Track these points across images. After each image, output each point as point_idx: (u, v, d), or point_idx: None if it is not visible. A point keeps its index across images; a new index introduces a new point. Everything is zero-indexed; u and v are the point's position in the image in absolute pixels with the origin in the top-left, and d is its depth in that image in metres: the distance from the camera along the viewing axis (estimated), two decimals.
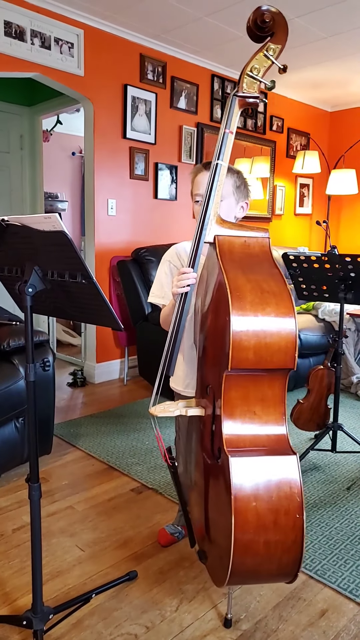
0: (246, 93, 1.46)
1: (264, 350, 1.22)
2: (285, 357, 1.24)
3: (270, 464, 1.24)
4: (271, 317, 1.23)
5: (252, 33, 1.44)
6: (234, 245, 1.36)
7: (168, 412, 1.48)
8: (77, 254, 1.23)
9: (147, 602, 1.66)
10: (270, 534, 1.21)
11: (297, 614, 1.62)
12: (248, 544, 1.21)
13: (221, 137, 1.46)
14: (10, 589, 1.72)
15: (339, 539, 1.99)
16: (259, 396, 1.29)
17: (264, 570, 1.27)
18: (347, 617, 1.61)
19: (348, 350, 3.84)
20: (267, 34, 1.43)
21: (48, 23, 3.34)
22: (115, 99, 3.82)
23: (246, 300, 1.23)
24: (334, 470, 2.57)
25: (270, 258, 1.35)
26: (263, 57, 1.44)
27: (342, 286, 2.37)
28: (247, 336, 1.21)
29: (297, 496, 1.22)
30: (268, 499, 1.21)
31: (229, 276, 1.26)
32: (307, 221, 5.71)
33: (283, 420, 1.30)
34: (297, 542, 1.23)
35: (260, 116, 4.94)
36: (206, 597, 1.68)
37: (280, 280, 1.29)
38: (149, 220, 4.18)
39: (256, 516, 1.20)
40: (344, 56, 4.12)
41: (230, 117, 1.46)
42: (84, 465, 2.61)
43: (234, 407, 1.28)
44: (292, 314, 1.24)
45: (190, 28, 3.68)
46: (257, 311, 1.22)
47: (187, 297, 1.47)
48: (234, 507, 1.19)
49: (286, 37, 1.43)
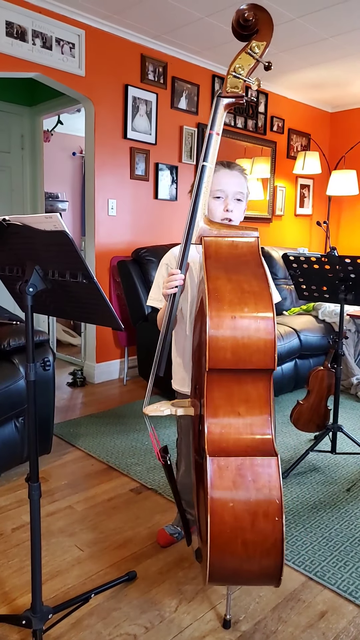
0: (230, 93, 1.45)
1: (242, 350, 1.22)
2: (265, 357, 1.23)
3: (251, 465, 1.23)
4: (249, 317, 1.23)
5: (237, 33, 1.42)
6: (221, 246, 1.37)
7: (159, 411, 1.49)
8: (78, 253, 1.23)
9: (146, 602, 1.66)
10: (248, 535, 1.21)
11: (296, 616, 1.61)
12: (225, 543, 1.21)
13: (207, 139, 1.46)
14: (9, 588, 1.72)
15: (338, 541, 1.99)
16: (243, 397, 1.28)
17: (244, 572, 1.26)
18: (347, 619, 1.60)
19: (348, 352, 3.84)
20: (250, 32, 1.40)
21: (49, 23, 3.35)
22: (116, 99, 3.82)
23: (224, 300, 1.23)
24: (334, 471, 2.57)
25: (258, 258, 1.35)
26: (247, 55, 1.42)
27: (343, 287, 2.37)
28: (223, 336, 1.21)
29: (276, 499, 1.21)
30: (246, 500, 1.21)
31: (210, 277, 1.27)
32: (307, 222, 5.72)
33: (268, 422, 1.29)
34: (277, 545, 1.22)
35: (261, 117, 4.94)
36: (205, 597, 1.68)
37: (263, 280, 1.29)
38: (149, 220, 4.18)
39: (233, 517, 1.20)
40: (344, 57, 4.12)
41: (215, 119, 1.46)
42: (83, 465, 2.61)
43: (217, 407, 1.28)
44: (272, 313, 1.24)
45: (191, 28, 3.68)
46: (235, 311, 1.23)
47: (175, 299, 1.47)
48: (210, 507, 1.20)
49: (271, 33, 1.40)
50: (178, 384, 1.80)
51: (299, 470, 2.55)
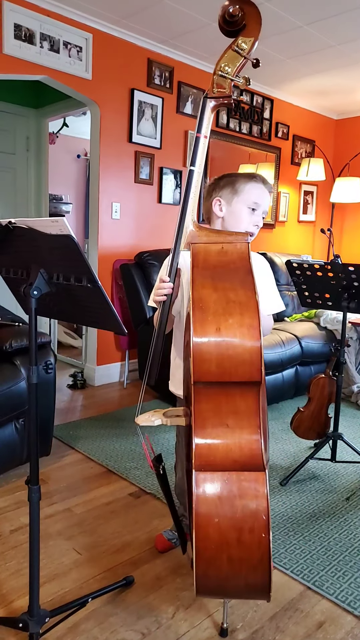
0: (217, 94, 1.40)
1: (226, 362, 1.18)
2: (250, 369, 1.19)
3: (237, 479, 1.19)
4: (234, 328, 1.18)
5: (223, 30, 1.36)
6: (209, 252, 1.33)
7: (149, 422, 1.47)
8: (84, 257, 1.23)
9: (143, 608, 1.65)
10: (233, 551, 1.18)
11: (294, 625, 1.61)
12: (210, 558, 1.18)
13: (194, 142, 1.41)
14: (6, 590, 1.71)
15: (337, 550, 1.98)
16: (232, 409, 1.24)
17: (231, 586, 1.24)
18: (345, 629, 1.60)
19: (349, 360, 3.84)
20: (237, 28, 1.34)
21: (57, 27, 3.36)
22: (122, 103, 3.84)
23: (209, 311, 1.19)
24: (333, 480, 2.57)
25: (248, 264, 1.31)
26: (233, 52, 1.36)
27: (345, 295, 2.37)
28: (208, 348, 1.17)
29: (262, 514, 1.18)
30: (231, 516, 1.18)
31: (195, 286, 1.23)
32: (310, 229, 5.72)
33: (258, 434, 1.24)
34: (264, 562, 1.19)
35: (266, 122, 4.95)
36: (202, 605, 1.68)
37: (250, 289, 1.24)
38: (153, 224, 4.19)
39: (218, 532, 1.17)
40: (350, 64, 4.14)
41: (202, 121, 1.41)
42: (82, 468, 2.61)
43: (205, 419, 1.24)
44: (256, 324, 1.19)
45: (198, 34, 3.69)
46: (220, 322, 1.18)
47: (164, 307, 1.46)
48: (195, 522, 1.17)
49: (259, 27, 1.34)
50: (176, 386, 1.76)
51: (299, 477, 2.55)
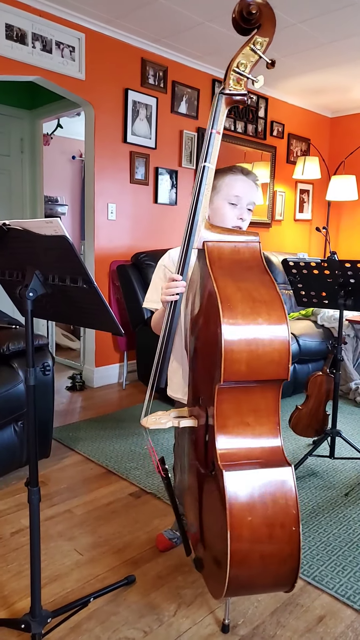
0: (232, 90, 1.39)
1: (256, 362, 1.19)
2: (278, 368, 1.20)
3: (265, 476, 1.21)
4: (263, 327, 1.19)
5: (238, 25, 1.36)
6: (223, 251, 1.32)
7: (159, 424, 1.45)
8: (79, 258, 1.23)
9: (145, 606, 1.66)
10: (265, 547, 1.19)
11: (294, 620, 1.61)
12: (244, 557, 1.19)
13: (207, 138, 1.40)
14: (8, 592, 1.72)
15: (336, 545, 1.99)
16: (252, 407, 1.25)
17: (260, 583, 1.25)
18: (345, 623, 1.60)
19: (347, 357, 3.85)
20: (253, 26, 1.35)
21: (49, 26, 3.36)
22: (116, 103, 3.84)
23: (237, 310, 1.19)
24: (332, 476, 2.58)
25: (261, 263, 1.32)
26: (250, 51, 1.36)
27: (342, 292, 2.38)
28: (239, 348, 1.17)
29: (292, 509, 1.20)
30: (263, 513, 1.19)
31: (219, 285, 1.22)
32: (306, 227, 5.73)
33: (277, 431, 1.27)
34: (294, 554, 1.21)
35: (261, 121, 4.96)
36: (204, 602, 1.68)
37: (271, 287, 1.25)
38: (149, 225, 4.19)
39: (251, 530, 1.18)
40: (345, 62, 4.14)
41: (217, 117, 1.40)
42: (82, 469, 2.61)
43: (226, 418, 1.25)
44: (285, 323, 1.20)
45: (191, 33, 3.70)
46: (249, 322, 1.19)
47: (176, 306, 1.43)
48: (229, 522, 1.17)
49: (274, 29, 1.35)
50: (174, 390, 1.74)
51: (298, 475, 2.55)
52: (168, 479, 1.56)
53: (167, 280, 1.67)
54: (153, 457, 1.53)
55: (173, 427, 1.86)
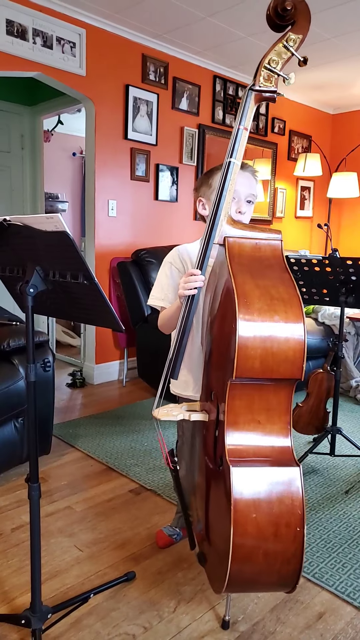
0: (263, 87, 1.37)
1: (270, 360, 1.18)
2: (292, 367, 1.20)
3: (273, 475, 1.21)
4: (279, 325, 1.18)
5: (272, 21, 1.33)
6: (244, 247, 1.31)
7: (171, 416, 1.45)
8: (79, 254, 1.23)
9: (145, 602, 1.66)
10: (269, 546, 1.19)
11: (294, 617, 1.62)
12: (247, 554, 1.19)
13: (235, 134, 1.39)
14: (8, 587, 1.72)
15: (336, 542, 1.99)
16: (264, 405, 1.25)
17: (262, 581, 1.26)
18: (345, 620, 1.61)
19: (347, 354, 3.85)
20: (287, 22, 1.32)
21: (50, 22, 3.35)
22: (117, 100, 3.83)
23: (254, 307, 1.18)
24: (333, 473, 2.58)
25: (282, 261, 1.30)
26: (282, 48, 1.34)
27: (343, 290, 2.37)
28: (253, 345, 1.17)
29: (298, 509, 1.20)
30: (269, 511, 1.19)
31: (237, 281, 1.21)
32: (307, 224, 5.72)
33: (288, 431, 1.26)
34: (297, 555, 1.21)
35: (262, 118, 4.94)
36: (204, 598, 1.68)
37: (290, 286, 1.24)
38: (150, 221, 4.19)
39: (256, 527, 1.18)
40: (347, 57, 4.13)
41: (245, 113, 1.38)
42: (82, 465, 2.61)
43: (237, 415, 1.25)
44: (302, 322, 1.19)
45: (192, 28, 3.68)
46: (265, 319, 1.18)
47: (194, 300, 1.42)
48: (234, 518, 1.17)
49: (308, 26, 1.32)
50: (179, 387, 1.74)
51: None
52: (177, 471, 1.56)
53: (172, 277, 1.67)
54: (163, 449, 1.53)
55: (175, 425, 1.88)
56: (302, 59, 1.36)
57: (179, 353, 1.43)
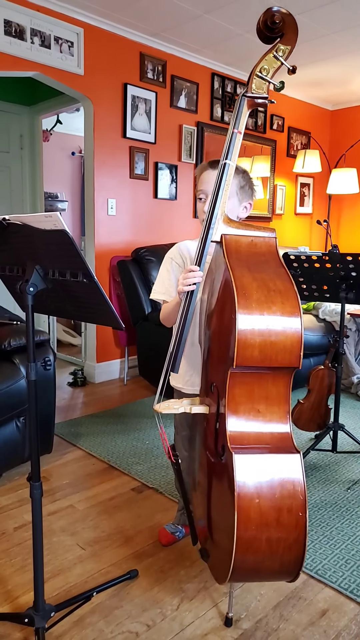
0: (255, 93, 1.47)
1: (269, 349, 1.23)
2: (290, 356, 1.24)
3: (274, 462, 1.24)
4: (277, 315, 1.23)
5: (262, 34, 1.45)
6: (240, 244, 1.37)
7: (172, 409, 1.49)
8: (79, 252, 1.23)
9: (148, 600, 1.66)
10: (272, 532, 1.22)
11: (297, 614, 1.62)
12: (250, 541, 1.21)
13: (229, 137, 1.47)
14: (11, 586, 1.72)
15: (339, 539, 1.99)
16: (263, 394, 1.29)
17: (265, 568, 1.27)
18: (348, 616, 1.61)
19: (348, 351, 3.84)
20: (276, 35, 1.44)
21: (48, 22, 3.34)
22: (115, 98, 3.82)
23: (252, 298, 1.23)
24: (335, 470, 2.58)
25: (277, 257, 1.36)
26: (272, 58, 1.45)
27: (343, 286, 2.37)
28: (252, 334, 1.21)
29: (300, 494, 1.22)
30: (271, 497, 1.22)
31: (236, 274, 1.26)
32: (307, 221, 5.71)
33: (287, 419, 1.30)
34: (299, 541, 1.23)
35: (261, 115, 4.94)
36: (207, 596, 1.69)
37: (286, 279, 1.29)
38: (149, 220, 4.18)
39: (259, 513, 1.21)
40: (345, 53, 4.12)
41: (239, 118, 1.47)
42: (84, 464, 2.61)
43: (238, 404, 1.29)
44: (298, 313, 1.25)
45: (190, 26, 3.68)
46: (263, 309, 1.23)
47: (193, 296, 1.46)
48: (237, 504, 1.19)
49: (296, 38, 1.45)
50: (178, 380, 1.77)
51: None
52: (178, 464, 1.58)
53: (173, 272, 1.70)
54: (164, 443, 1.54)
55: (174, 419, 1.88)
56: (290, 68, 1.48)
57: (179, 347, 1.46)
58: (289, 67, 1.47)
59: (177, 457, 1.57)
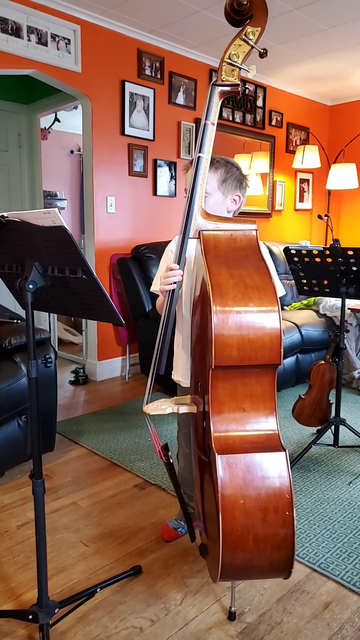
0: (225, 81, 1.41)
1: (247, 346, 1.20)
2: (270, 353, 1.22)
3: (259, 461, 1.22)
4: (254, 312, 1.21)
5: (230, 18, 1.39)
6: (219, 240, 1.34)
7: (160, 410, 1.47)
8: (77, 249, 1.23)
9: (151, 595, 1.67)
10: (259, 531, 1.20)
11: (300, 607, 1.62)
12: (237, 540, 1.20)
13: (202, 129, 1.42)
14: (15, 584, 1.73)
15: (341, 533, 2.00)
16: (247, 392, 1.27)
17: (255, 567, 1.26)
18: (351, 609, 1.61)
19: (349, 345, 3.84)
20: (244, 17, 1.37)
21: (44, 19, 3.33)
22: (113, 95, 3.82)
23: (228, 296, 1.21)
24: (336, 464, 2.58)
25: (257, 251, 1.33)
26: (241, 41, 1.38)
27: (344, 280, 2.37)
28: (229, 332, 1.19)
29: (286, 493, 1.21)
30: (256, 496, 1.20)
31: (212, 272, 1.25)
32: (307, 216, 5.71)
33: (273, 416, 1.28)
34: (288, 539, 1.22)
35: (259, 111, 4.92)
36: (210, 590, 1.69)
37: (265, 274, 1.27)
38: (149, 217, 4.18)
39: (244, 513, 1.19)
40: (343, 48, 4.10)
41: (210, 108, 1.42)
42: (87, 462, 2.62)
43: (222, 403, 1.26)
44: (276, 308, 1.22)
45: (187, 22, 3.67)
46: (240, 307, 1.20)
47: (174, 295, 1.45)
48: (221, 505, 1.19)
49: (266, 18, 1.37)
50: (180, 375, 1.77)
51: (302, 464, 2.56)
52: (170, 464, 1.57)
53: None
54: (156, 443, 1.54)
55: (172, 419, 1.88)
56: (262, 51, 1.40)
57: (163, 347, 1.44)
58: (259, 50, 1.39)
59: (167, 456, 1.55)
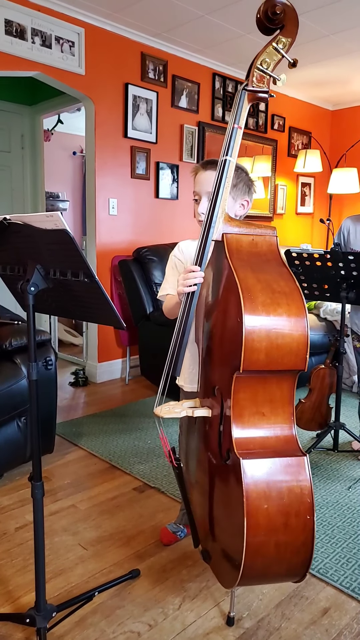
0: (256, 87, 1.42)
1: (275, 352, 1.20)
2: (295, 359, 1.22)
3: (281, 465, 1.22)
4: (283, 318, 1.21)
5: (262, 24, 1.39)
6: (241, 243, 1.33)
7: (173, 413, 1.45)
8: (79, 252, 1.23)
9: (149, 600, 1.66)
10: (280, 536, 1.20)
11: (299, 612, 1.62)
12: (259, 546, 1.20)
13: (229, 132, 1.43)
14: (13, 587, 1.72)
15: (340, 538, 1.99)
16: (268, 397, 1.27)
17: (273, 572, 1.26)
18: (350, 615, 1.61)
19: (349, 350, 3.84)
20: (277, 26, 1.38)
21: (49, 22, 3.34)
22: (117, 98, 3.82)
23: (258, 301, 1.20)
24: (336, 469, 2.57)
25: (278, 256, 1.33)
26: (273, 50, 1.40)
27: (344, 285, 2.37)
28: (259, 338, 1.19)
29: (307, 497, 1.21)
30: (279, 501, 1.20)
31: (240, 276, 1.23)
32: (308, 220, 5.71)
33: (292, 421, 1.29)
34: (307, 544, 1.22)
35: (262, 115, 4.93)
36: (209, 595, 1.68)
37: (290, 280, 1.27)
38: (151, 219, 4.18)
39: (267, 518, 1.19)
40: (346, 54, 4.11)
41: (239, 112, 1.43)
42: (86, 464, 2.61)
43: (242, 408, 1.26)
44: (304, 314, 1.22)
45: (191, 26, 3.68)
46: (269, 312, 1.20)
47: (194, 297, 1.44)
48: (247, 510, 1.18)
49: (296, 30, 1.39)
50: (183, 379, 1.75)
51: None
52: (180, 468, 1.56)
53: (176, 268, 1.71)
54: (165, 446, 1.53)
55: (176, 422, 1.88)
56: (291, 61, 1.42)
57: (180, 349, 1.44)
58: (290, 60, 1.41)
59: (178, 460, 1.54)
